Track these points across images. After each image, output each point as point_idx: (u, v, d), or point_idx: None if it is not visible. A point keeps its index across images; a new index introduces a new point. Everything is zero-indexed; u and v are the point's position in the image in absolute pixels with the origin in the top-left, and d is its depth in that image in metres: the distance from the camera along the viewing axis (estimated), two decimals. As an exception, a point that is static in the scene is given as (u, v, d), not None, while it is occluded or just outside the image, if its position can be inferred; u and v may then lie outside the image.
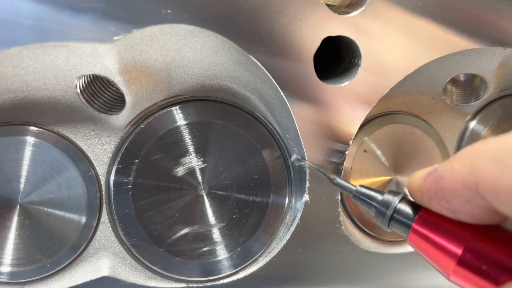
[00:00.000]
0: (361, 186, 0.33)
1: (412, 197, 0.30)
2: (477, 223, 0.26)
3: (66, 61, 0.35)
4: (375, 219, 0.32)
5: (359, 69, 0.39)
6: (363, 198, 0.32)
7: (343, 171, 0.42)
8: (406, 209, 0.30)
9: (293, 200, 0.43)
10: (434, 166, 0.28)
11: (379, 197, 0.31)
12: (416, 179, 0.29)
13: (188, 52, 0.38)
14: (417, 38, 0.39)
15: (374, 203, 0.31)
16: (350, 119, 0.40)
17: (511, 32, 0.41)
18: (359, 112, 0.40)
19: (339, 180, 0.35)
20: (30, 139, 0.38)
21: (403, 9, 0.38)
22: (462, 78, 0.49)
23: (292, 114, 0.38)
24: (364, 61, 0.39)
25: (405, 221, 0.29)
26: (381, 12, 0.37)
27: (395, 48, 0.39)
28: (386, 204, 0.31)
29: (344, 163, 0.41)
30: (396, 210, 0.30)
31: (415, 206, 0.30)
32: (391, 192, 0.31)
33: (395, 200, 0.30)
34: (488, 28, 0.40)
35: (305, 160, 0.40)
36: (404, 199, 0.30)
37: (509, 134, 0.24)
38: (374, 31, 0.38)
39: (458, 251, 0.26)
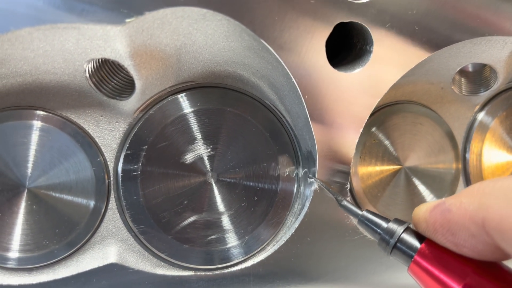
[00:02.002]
0: (367, 211, 0.33)
1: (416, 227, 0.30)
2: (479, 258, 0.27)
3: (76, 44, 0.35)
4: (378, 245, 0.32)
5: (371, 55, 0.38)
6: (368, 223, 0.33)
7: (352, 160, 0.42)
8: (410, 239, 0.30)
9: (301, 188, 0.43)
10: (442, 199, 0.28)
11: (384, 224, 0.32)
12: (422, 210, 0.29)
13: (199, 37, 0.37)
14: (430, 25, 0.39)
15: (378, 230, 0.32)
16: (361, 106, 0.39)
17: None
18: (371, 99, 0.40)
19: (346, 202, 0.35)
20: (38, 124, 0.38)
21: (416, -5, 0.38)
22: (471, 68, 0.49)
23: (303, 101, 0.38)
24: (376, 48, 0.38)
25: (408, 251, 0.30)
26: (394, -2, 0.37)
27: (408, 34, 0.38)
28: (390, 232, 0.31)
29: (354, 152, 0.41)
30: (400, 240, 0.30)
31: (419, 237, 0.30)
32: (396, 221, 0.32)
33: (399, 230, 0.31)
34: (502, 16, 0.40)
35: (317, 179, 0.39)
36: (408, 229, 0.31)
37: None
38: (387, 17, 0.38)
39: (458, 287, 0.27)
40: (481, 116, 0.49)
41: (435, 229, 0.28)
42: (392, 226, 0.31)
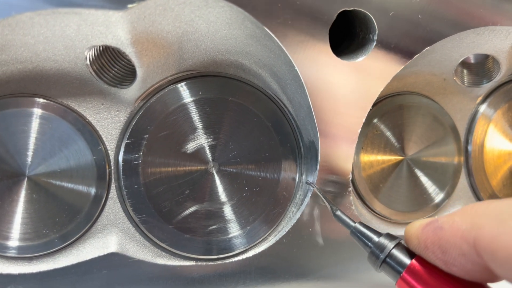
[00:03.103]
0: (360, 223, 0.34)
1: (407, 243, 0.30)
2: (467, 278, 0.27)
3: (77, 30, 0.34)
4: (368, 258, 0.32)
5: (374, 44, 0.38)
6: (360, 236, 0.33)
7: (355, 150, 0.41)
8: (399, 255, 0.30)
9: (303, 178, 0.43)
10: (435, 217, 0.29)
11: (375, 238, 0.32)
12: (414, 227, 0.30)
13: (201, 24, 0.37)
14: (434, 14, 0.38)
15: (369, 244, 0.32)
16: (364, 95, 0.39)
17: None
18: (374, 88, 0.39)
19: (340, 213, 0.36)
20: (39, 111, 0.38)
21: (420, -17, 0.37)
22: (473, 60, 0.49)
23: (306, 89, 0.38)
24: (380, 36, 0.38)
25: (396, 267, 0.30)
26: (398, -14, 0.37)
27: (411, 23, 0.38)
28: (380, 247, 0.31)
29: (356, 142, 0.41)
30: (390, 255, 0.31)
31: (409, 254, 0.30)
32: (388, 236, 0.32)
33: (390, 245, 0.31)
34: (507, 6, 0.40)
35: (314, 184, 0.40)
36: (399, 245, 0.31)
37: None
38: (390, 6, 0.38)
39: None
40: (483, 107, 0.49)
41: (426, 246, 0.28)
42: (383, 241, 0.31)
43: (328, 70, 0.38)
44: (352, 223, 0.34)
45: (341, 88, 0.39)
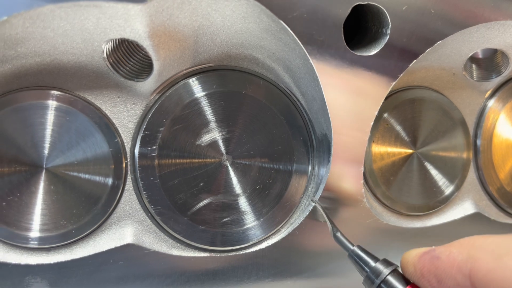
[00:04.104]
0: (359, 247, 0.34)
1: (403, 270, 0.31)
2: None
3: (96, 23, 0.35)
4: (363, 282, 0.33)
5: (387, 38, 0.39)
6: (357, 260, 0.34)
7: (366, 143, 0.42)
8: (394, 282, 0.31)
9: (315, 171, 0.43)
10: (432, 247, 0.30)
11: (372, 263, 0.33)
12: (411, 255, 0.31)
13: (217, 18, 0.37)
14: (446, 8, 0.39)
15: (366, 268, 0.33)
16: (377, 88, 0.40)
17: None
18: (386, 81, 0.40)
19: (340, 235, 0.36)
20: (56, 104, 0.38)
21: (433, -22, 0.38)
22: (481, 55, 0.49)
23: (320, 82, 0.38)
24: (393, 30, 0.38)
25: None
26: (411, -20, 0.37)
27: (424, 17, 0.39)
28: (376, 272, 0.32)
29: (369, 134, 0.41)
30: (385, 281, 0.31)
31: (404, 281, 0.31)
32: (385, 262, 0.32)
33: (385, 272, 0.32)
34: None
35: (319, 203, 0.40)
36: (395, 271, 0.32)
37: (510, 235, 0.26)
38: (402, 1, 0.38)
39: None
40: (492, 101, 0.49)
41: (422, 274, 0.29)
42: (379, 267, 0.32)
43: (342, 63, 0.38)
44: (350, 247, 0.35)
45: (355, 81, 0.39)
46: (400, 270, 0.32)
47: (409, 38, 0.39)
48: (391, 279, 0.31)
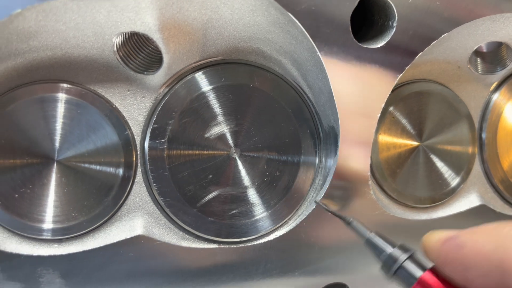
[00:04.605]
0: (376, 233, 0.34)
1: (426, 254, 0.31)
2: None
3: (107, 16, 0.35)
4: (380, 269, 0.33)
5: (394, 30, 0.39)
6: (374, 246, 0.33)
7: (373, 136, 0.42)
8: (412, 268, 0.31)
9: (323, 163, 0.44)
10: (454, 232, 0.29)
11: (388, 249, 0.33)
12: (433, 240, 0.30)
13: (226, 11, 0.38)
14: (452, 1, 0.39)
15: (382, 254, 0.33)
16: (384, 79, 0.40)
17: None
18: (393, 74, 0.40)
19: (355, 222, 0.36)
20: (66, 97, 0.38)
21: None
22: (488, 47, 0.49)
23: (327, 75, 0.39)
24: (399, 23, 0.39)
25: (408, 279, 0.31)
26: (418, -27, 0.38)
27: (430, 10, 0.39)
28: (393, 259, 0.32)
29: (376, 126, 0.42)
30: (401, 267, 0.31)
31: (421, 267, 0.31)
32: (402, 247, 0.32)
33: (402, 257, 0.31)
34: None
35: (322, 203, 0.41)
36: (412, 257, 0.31)
37: None
38: (409, -7, 0.39)
39: None
40: (496, 95, 0.50)
41: (446, 261, 0.29)
42: (396, 252, 0.32)
43: (349, 55, 0.39)
44: (366, 233, 0.35)
45: (362, 73, 0.40)
46: (417, 255, 0.32)
47: (415, 30, 0.40)
48: (408, 265, 0.31)
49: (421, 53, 0.40)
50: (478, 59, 0.49)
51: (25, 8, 0.32)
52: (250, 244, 0.43)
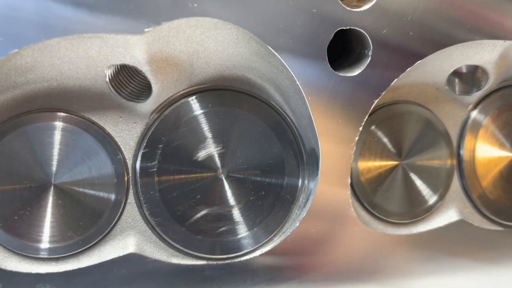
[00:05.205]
0: None
1: None
2: None
3: (98, 51, 0.38)
4: None
5: (369, 59, 0.41)
6: None
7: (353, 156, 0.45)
8: None
9: (306, 182, 0.46)
10: None
11: None
12: None
13: (210, 43, 0.40)
14: (424, 30, 0.42)
15: None
16: (361, 105, 0.42)
17: (510, 27, 0.44)
18: (369, 99, 0.43)
19: None
20: (63, 125, 0.41)
21: (410, 4, 0.41)
22: (464, 69, 0.52)
23: (307, 101, 0.41)
24: (374, 52, 0.41)
25: None
26: (389, 7, 0.40)
27: (403, 39, 0.41)
28: None
29: (354, 148, 0.44)
30: None
31: None
32: None
33: None
34: (489, 22, 0.43)
35: None
36: None
37: None
38: (383, 24, 0.41)
39: None
40: (474, 114, 0.52)
41: None
42: None
43: (327, 83, 0.41)
44: None
45: (339, 100, 0.42)
46: None
47: (390, 59, 0.42)
48: None
49: (396, 79, 0.43)
50: (456, 80, 0.51)
51: (22, 48, 0.34)
52: (237, 260, 0.45)
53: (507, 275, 0.54)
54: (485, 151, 0.52)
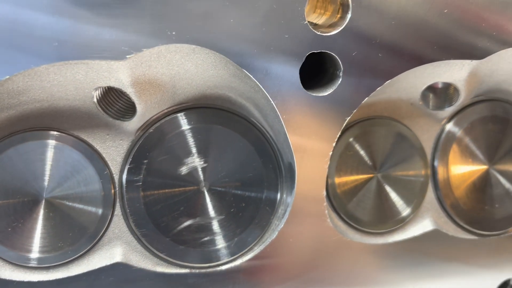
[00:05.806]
0: None
1: None
2: None
3: (85, 76, 0.41)
4: None
5: (340, 80, 0.44)
6: None
7: (328, 170, 0.47)
8: None
9: (284, 195, 0.49)
10: None
11: None
12: None
13: (191, 66, 0.43)
14: (393, 52, 0.44)
15: None
16: (334, 123, 0.45)
17: (477, 47, 0.47)
18: (341, 117, 0.45)
19: None
20: (53, 143, 0.44)
21: (378, 27, 0.43)
22: (439, 85, 0.54)
23: (282, 120, 0.44)
24: (345, 73, 0.44)
25: None
26: (358, 31, 0.43)
27: (373, 60, 0.44)
28: None
29: (329, 162, 0.47)
30: None
31: None
32: None
33: None
34: (456, 43, 0.45)
35: None
36: None
37: None
38: (353, 47, 0.44)
39: None
40: (448, 128, 0.54)
41: None
42: None
43: (300, 103, 0.44)
44: None
45: (313, 118, 0.45)
46: None
47: (360, 79, 0.45)
48: None
49: (366, 98, 0.45)
50: (430, 96, 0.54)
51: (13, 75, 0.37)
52: (218, 269, 0.48)
53: (481, 283, 0.57)
54: (459, 163, 0.55)
